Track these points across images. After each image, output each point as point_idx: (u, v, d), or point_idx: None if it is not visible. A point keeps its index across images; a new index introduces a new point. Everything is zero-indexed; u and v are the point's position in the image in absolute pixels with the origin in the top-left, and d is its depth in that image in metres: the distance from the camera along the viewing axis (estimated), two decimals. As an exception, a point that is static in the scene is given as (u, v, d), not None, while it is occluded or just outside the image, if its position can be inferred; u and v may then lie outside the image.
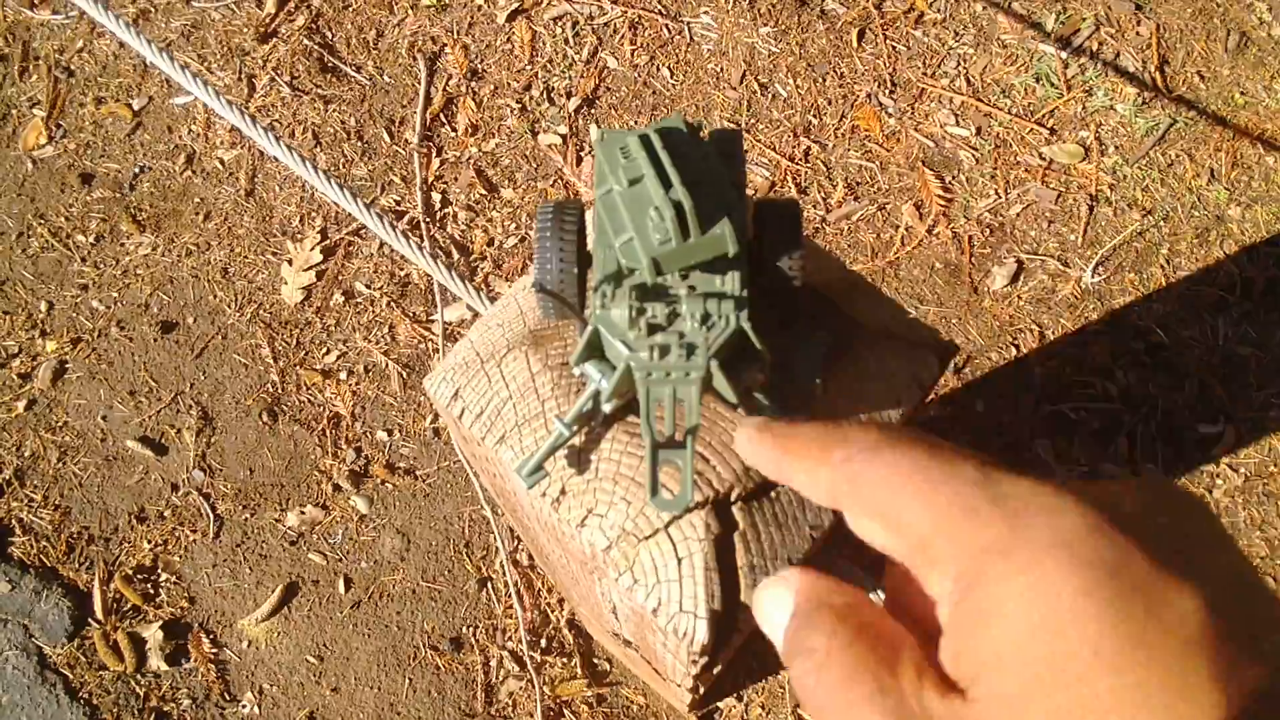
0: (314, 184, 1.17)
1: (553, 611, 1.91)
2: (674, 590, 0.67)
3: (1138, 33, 2.24)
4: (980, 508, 0.35)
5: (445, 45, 2.35)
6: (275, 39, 2.38)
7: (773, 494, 0.70)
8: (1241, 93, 2.18)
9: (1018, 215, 2.12)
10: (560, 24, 2.34)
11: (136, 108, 2.36)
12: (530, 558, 1.95)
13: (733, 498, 0.69)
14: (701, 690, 0.93)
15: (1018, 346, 2.03)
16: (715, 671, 0.86)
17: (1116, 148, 2.15)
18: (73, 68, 2.41)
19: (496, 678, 1.89)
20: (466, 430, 0.72)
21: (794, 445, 0.42)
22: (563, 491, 0.70)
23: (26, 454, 2.08)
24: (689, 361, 0.60)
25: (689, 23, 2.32)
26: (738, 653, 0.84)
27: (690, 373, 0.60)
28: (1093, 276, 2.05)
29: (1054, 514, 0.34)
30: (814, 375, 0.70)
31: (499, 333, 0.76)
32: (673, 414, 0.61)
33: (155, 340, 2.16)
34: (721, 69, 2.27)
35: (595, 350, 0.64)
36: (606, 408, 0.65)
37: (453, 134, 2.27)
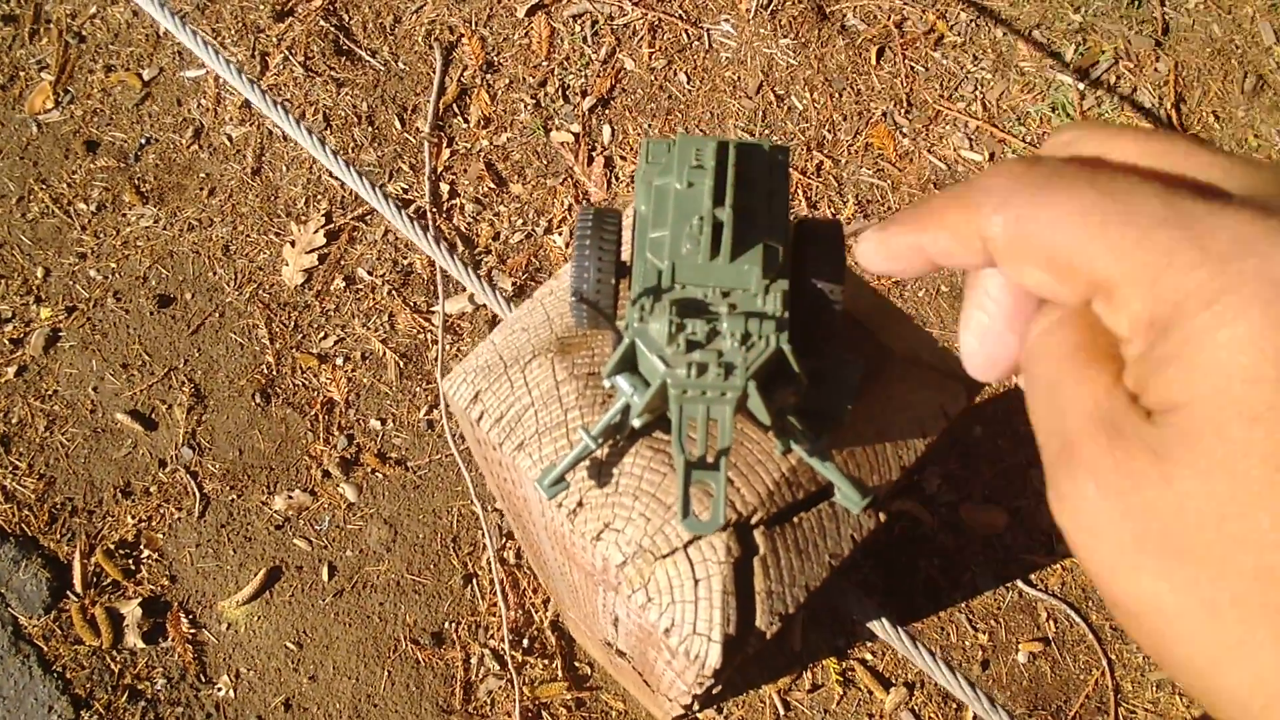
0: (328, 165, 1.16)
1: (536, 612, 1.90)
2: (689, 612, 0.66)
3: (1156, 69, 2.24)
4: (1176, 249, 0.32)
5: (462, 35, 2.33)
6: (291, 18, 2.36)
7: (795, 519, 0.69)
8: (1255, 135, 2.18)
9: (1026, 243, 2.11)
10: (579, 22, 2.33)
11: (147, 78, 2.34)
12: (518, 556, 1.93)
13: (754, 521, 0.68)
14: (697, 708, 0.93)
15: (1018, 372, 2.02)
16: (714, 692, 0.85)
17: (1128, 182, 2.15)
18: (84, 33, 2.38)
19: (476, 675, 1.87)
20: (484, 434, 0.71)
21: (929, 215, 0.39)
22: (580, 504, 0.69)
23: (14, 421, 2.06)
24: (726, 381, 0.59)
25: (709, 29, 2.31)
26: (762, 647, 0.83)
27: (726, 392, 0.59)
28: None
29: (1266, 259, 0.30)
30: (846, 401, 0.69)
31: (524, 337, 0.75)
32: (705, 433, 0.60)
33: (151, 314, 2.14)
34: (739, 78, 2.26)
35: (628, 363, 0.63)
36: (636, 423, 0.64)
37: (464, 125, 2.26)
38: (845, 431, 0.72)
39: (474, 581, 1.94)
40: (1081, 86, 2.22)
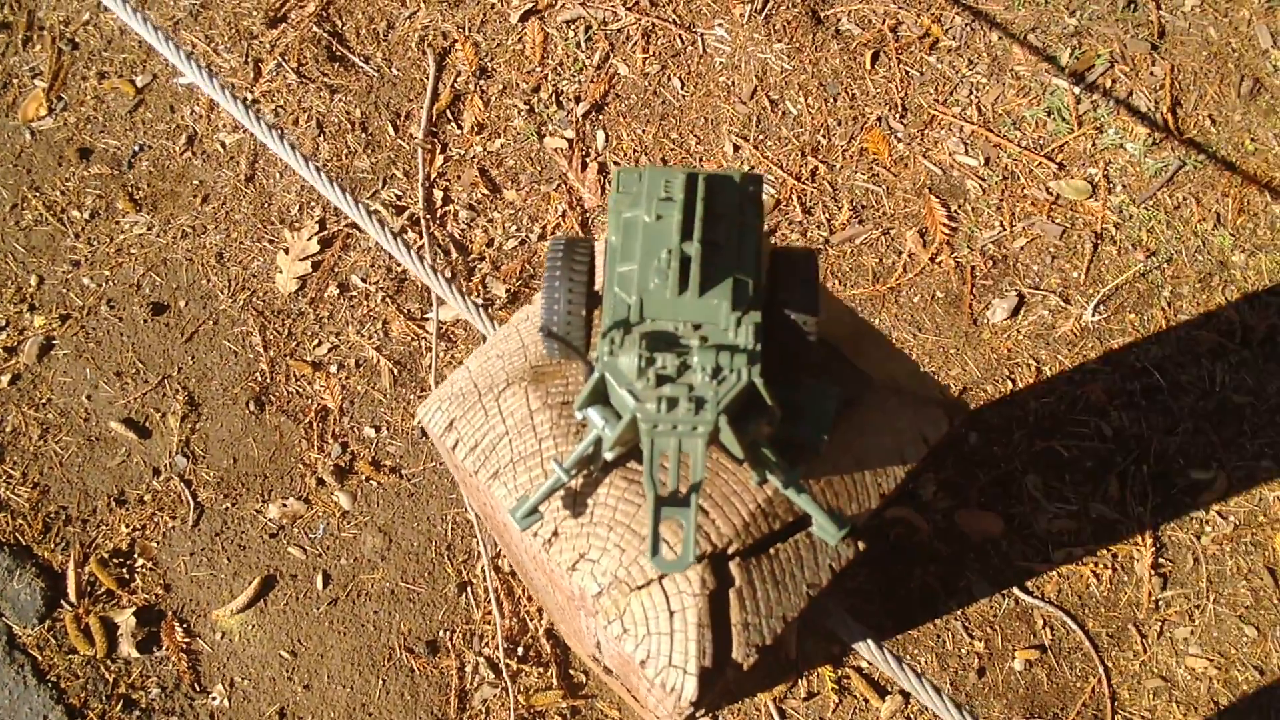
0: (311, 181, 1.15)
1: (531, 620, 1.89)
2: (664, 644, 0.66)
3: (1152, 72, 2.23)
4: None
5: (456, 41, 2.32)
6: (284, 24, 2.35)
7: (772, 550, 0.69)
8: (1252, 139, 2.17)
9: (1021, 248, 2.11)
10: (573, 27, 2.32)
11: (140, 85, 2.33)
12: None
13: (730, 553, 0.67)
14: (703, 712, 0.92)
15: (1014, 380, 2.02)
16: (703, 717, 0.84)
17: (1124, 187, 2.14)
18: (77, 40, 2.38)
19: (471, 684, 1.87)
20: (459, 462, 0.71)
21: None
22: (555, 533, 0.68)
23: (7, 430, 2.05)
24: (697, 416, 0.58)
25: (703, 34, 2.30)
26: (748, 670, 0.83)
27: (698, 426, 0.58)
28: (1093, 315, 2.04)
29: None
30: (822, 431, 0.69)
31: (499, 364, 0.74)
32: (677, 467, 0.59)
33: (145, 322, 2.14)
34: (733, 83, 2.25)
35: (600, 396, 0.63)
36: (608, 455, 0.64)
37: (458, 131, 2.25)
38: (823, 460, 0.71)
39: (469, 590, 1.94)
40: (1077, 90, 2.21)
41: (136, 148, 2.27)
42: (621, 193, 0.63)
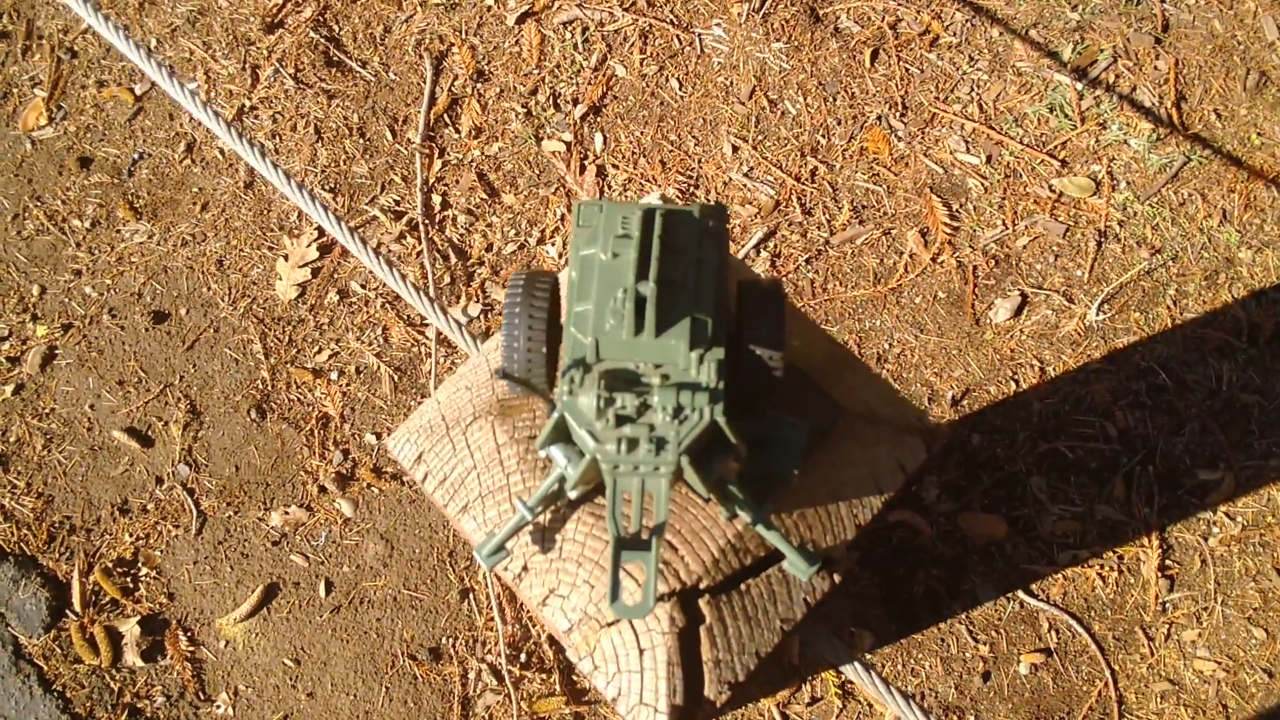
0: (298, 203, 1.14)
1: (534, 626, 1.89)
2: (635, 681, 0.65)
3: (1156, 67, 2.20)
4: None
5: (453, 45, 2.31)
6: (281, 30, 2.34)
7: (743, 586, 0.68)
8: (1259, 134, 2.14)
9: (1024, 247, 2.08)
10: (570, 29, 2.30)
11: (139, 93, 2.33)
12: (513, 573, 1.93)
13: (701, 589, 0.66)
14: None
15: (1017, 381, 2.00)
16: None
17: (1128, 183, 2.12)
18: (76, 49, 2.38)
19: (474, 690, 1.87)
20: (429, 495, 0.70)
21: None
22: (525, 568, 0.67)
23: (12, 440, 2.06)
24: (659, 456, 0.57)
25: (700, 34, 2.28)
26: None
27: (660, 467, 0.57)
28: (1097, 314, 2.02)
29: None
30: (791, 465, 0.68)
31: (467, 397, 0.74)
32: (640, 508, 0.58)
33: (146, 330, 2.14)
34: (731, 83, 2.24)
35: (562, 434, 0.62)
36: (572, 494, 0.63)
37: (456, 135, 2.24)
38: (796, 492, 0.70)
39: (471, 596, 1.94)
40: (1080, 86, 2.18)
41: (136, 156, 2.27)
42: (581, 226, 0.62)
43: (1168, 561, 1.87)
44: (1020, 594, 1.87)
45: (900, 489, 0.73)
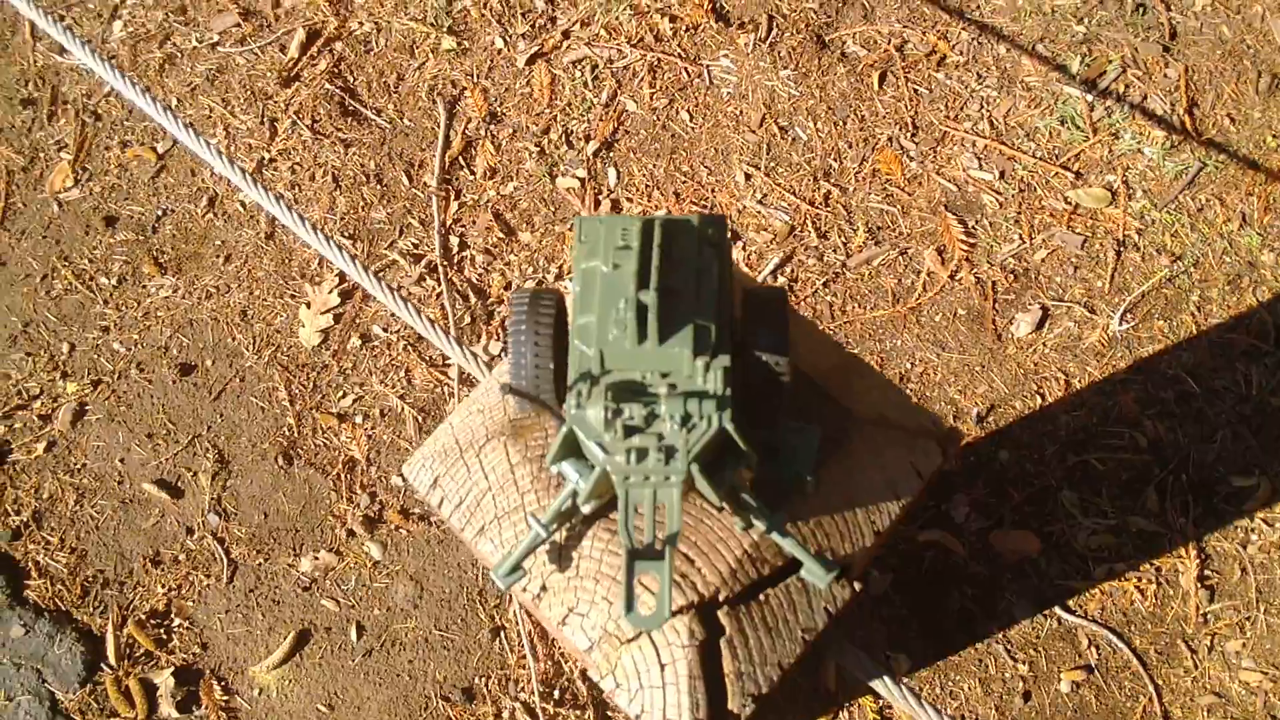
0: (316, 246, 1.16)
1: (566, 662, 1.88)
2: (657, 697, 0.65)
3: (1166, 74, 2.19)
4: None
5: (465, 89, 2.35)
6: (298, 83, 2.39)
7: (762, 597, 0.67)
8: (1274, 135, 2.13)
9: (1042, 261, 2.07)
10: (579, 67, 2.33)
11: (161, 151, 2.38)
12: (543, 608, 1.92)
13: (719, 600, 0.66)
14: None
15: (1043, 395, 1.98)
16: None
17: (1144, 192, 2.11)
18: (99, 112, 2.44)
19: (508, 730, 1.86)
20: (447, 520, 0.70)
21: None
22: (543, 588, 0.67)
23: (45, 496, 2.09)
24: (669, 465, 0.57)
25: (708, 65, 2.30)
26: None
27: (670, 476, 0.57)
28: (1120, 324, 2.01)
29: None
30: (805, 471, 0.67)
31: (479, 419, 0.74)
32: (653, 518, 0.58)
33: (174, 382, 2.17)
34: (741, 112, 2.25)
35: (572, 449, 0.62)
36: (585, 509, 0.63)
37: (471, 177, 2.27)
38: (812, 501, 0.70)
39: (502, 634, 1.93)
40: (1090, 98, 2.18)
41: (160, 212, 2.32)
42: (582, 242, 0.62)
43: (1207, 571, 1.84)
44: (1057, 610, 1.84)
45: (919, 494, 0.73)
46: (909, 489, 0.73)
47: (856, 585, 0.70)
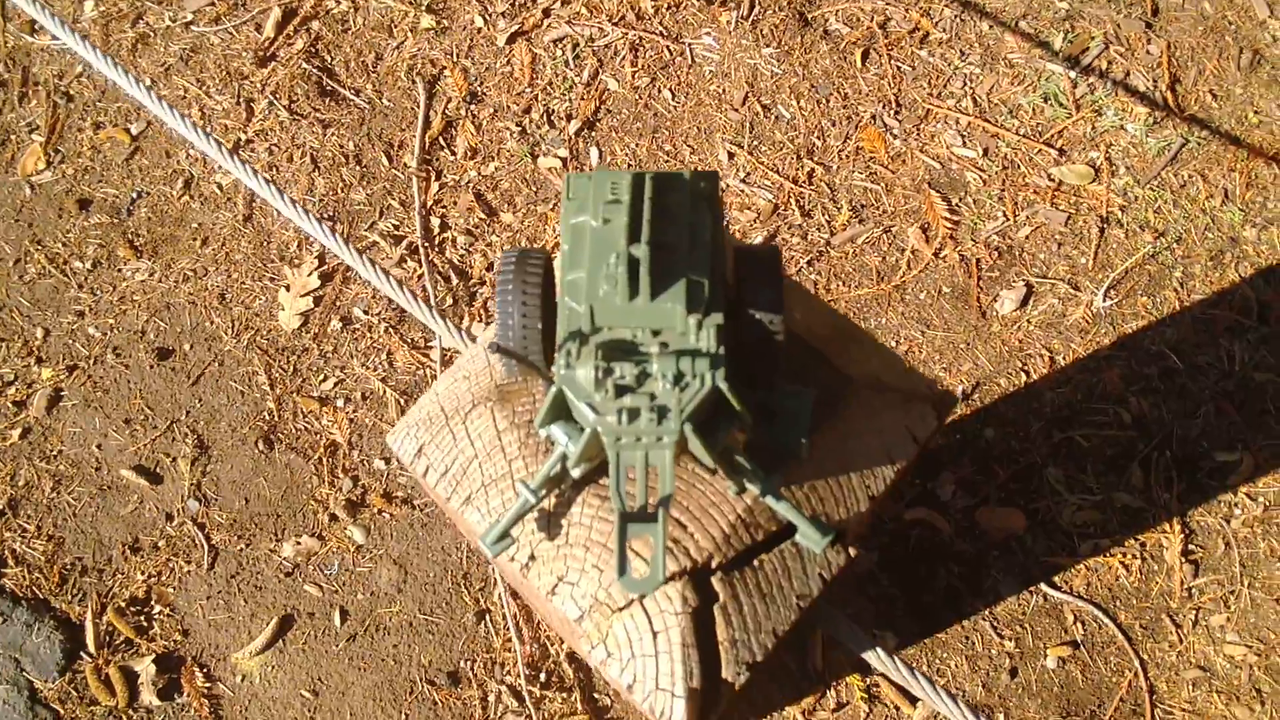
0: (300, 224, 1.14)
1: (552, 645, 1.87)
2: (649, 666, 0.63)
3: (1148, 51, 2.19)
4: None
5: (444, 68, 2.32)
6: (274, 63, 2.36)
7: (756, 562, 0.66)
8: (1255, 112, 2.13)
9: (1026, 238, 2.07)
10: (560, 46, 2.31)
11: (135, 132, 2.34)
12: (528, 591, 1.91)
13: (712, 566, 0.65)
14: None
15: (1028, 372, 1.98)
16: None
17: (1127, 168, 2.10)
18: (72, 93, 2.39)
19: (494, 713, 1.85)
20: (431, 489, 0.69)
21: None
22: (532, 557, 0.66)
23: (20, 483, 2.06)
24: (661, 426, 0.56)
25: (690, 44, 2.28)
26: (743, 689, 0.80)
27: (663, 437, 0.56)
28: (1104, 300, 2.00)
29: None
30: (800, 434, 0.66)
31: (465, 386, 0.72)
32: (645, 480, 0.57)
33: (151, 367, 2.14)
34: (724, 90, 2.24)
35: (561, 411, 0.60)
36: (575, 473, 0.62)
37: (452, 157, 2.24)
38: (806, 465, 0.69)
39: (487, 617, 1.91)
40: (1073, 74, 2.17)
41: (134, 195, 2.28)
42: (571, 199, 0.61)
43: (1191, 546, 1.84)
44: (1043, 587, 1.84)
45: (913, 458, 0.72)
46: (903, 452, 0.72)
47: (851, 551, 0.69)
